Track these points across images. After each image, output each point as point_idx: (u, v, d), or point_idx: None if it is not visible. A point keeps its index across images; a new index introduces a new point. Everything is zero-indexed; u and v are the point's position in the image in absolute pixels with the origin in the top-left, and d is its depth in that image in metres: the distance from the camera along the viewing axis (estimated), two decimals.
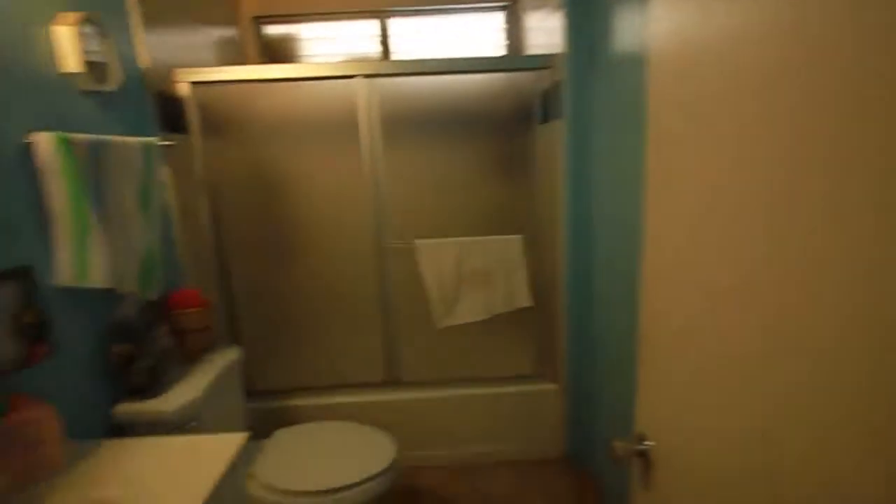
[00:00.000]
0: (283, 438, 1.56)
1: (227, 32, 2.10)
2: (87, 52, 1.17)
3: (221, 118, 1.72)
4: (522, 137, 1.77)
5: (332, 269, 1.85)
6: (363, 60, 1.68)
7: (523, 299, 1.83)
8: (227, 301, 1.87)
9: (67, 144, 1.05)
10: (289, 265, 1.85)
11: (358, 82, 1.66)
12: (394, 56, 2.31)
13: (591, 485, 1.84)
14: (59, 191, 1.04)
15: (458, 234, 1.80)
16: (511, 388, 1.95)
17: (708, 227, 0.55)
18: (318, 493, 1.31)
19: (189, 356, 1.41)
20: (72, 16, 1.13)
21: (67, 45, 1.13)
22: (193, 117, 1.69)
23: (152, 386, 1.21)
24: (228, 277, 1.85)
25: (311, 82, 1.68)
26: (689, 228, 0.59)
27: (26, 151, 1.01)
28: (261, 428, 1.91)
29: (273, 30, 2.33)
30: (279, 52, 2.34)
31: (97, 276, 1.10)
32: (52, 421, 0.91)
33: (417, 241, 1.76)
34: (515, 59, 2.02)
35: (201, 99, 1.69)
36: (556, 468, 1.97)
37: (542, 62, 1.65)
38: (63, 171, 1.04)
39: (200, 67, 1.65)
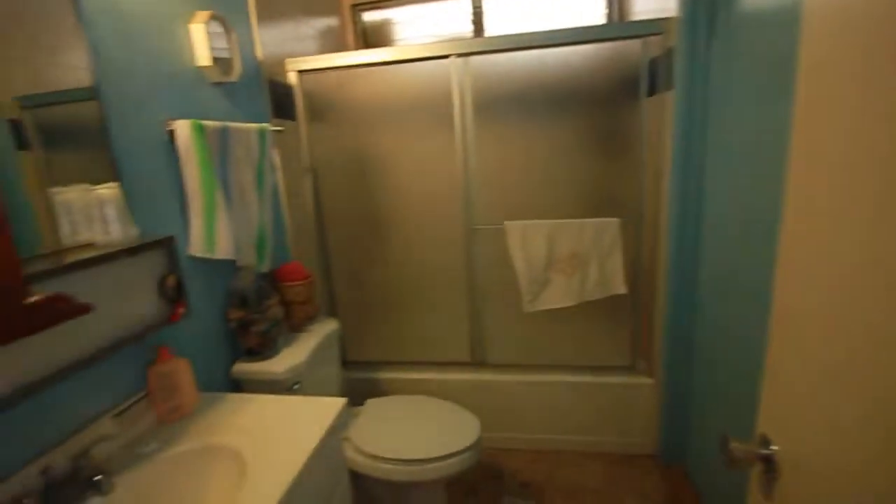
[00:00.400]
0: (375, 407, 1.65)
1: (329, 22, 2.21)
2: (214, 48, 1.29)
3: (324, 104, 1.82)
4: (626, 112, 1.64)
5: (422, 249, 1.90)
6: (457, 40, 1.66)
7: (618, 286, 1.73)
8: (325, 276, 2.00)
9: (201, 130, 1.18)
10: (382, 244, 1.93)
11: (452, 62, 1.66)
12: (488, 34, 2.27)
13: (686, 484, 1.72)
14: (193, 172, 1.17)
15: (551, 215, 1.74)
16: (601, 379, 1.87)
17: (878, 200, 0.46)
18: (403, 461, 1.37)
19: (294, 325, 1.54)
20: (203, 14, 1.25)
21: (200, 41, 1.25)
22: (300, 104, 1.82)
23: (264, 349, 1.34)
24: (327, 254, 1.98)
25: (407, 65, 1.70)
26: (849, 200, 0.50)
27: (168, 136, 1.15)
28: (351, 396, 2.04)
29: (370, 16, 2.40)
30: (376, 37, 2.41)
31: (223, 249, 1.23)
32: (188, 372, 1.05)
33: (507, 223, 1.73)
34: (621, 26, 1.87)
35: (306, 86, 1.80)
36: (647, 464, 1.86)
37: (651, 28, 1.50)
38: (197, 153, 1.17)
39: (306, 56, 1.76)
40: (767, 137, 1.10)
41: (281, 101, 1.73)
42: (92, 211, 0.91)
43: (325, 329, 1.59)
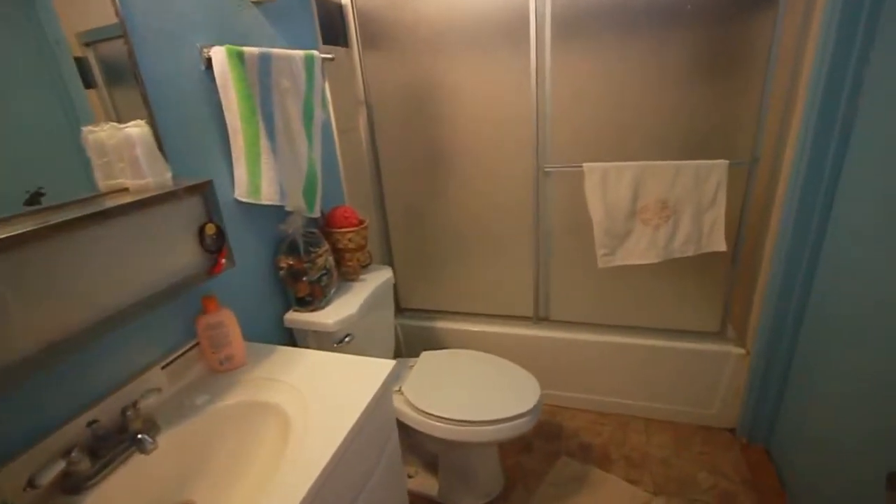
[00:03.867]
0: (430, 361, 1.58)
1: None
2: None
3: (380, 26, 1.60)
4: (752, 23, 1.27)
5: (486, 192, 1.71)
6: None
7: (716, 243, 1.46)
8: (381, 220, 1.90)
9: (239, 57, 1.04)
10: (442, 186, 1.77)
11: None
12: None
13: (767, 466, 1.54)
14: (232, 105, 1.06)
15: (638, 157, 1.47)
16: (681, 344, 1.66)
17: None
18: (455, 421, 1.30)
19: (346, 274, 1.46)
20: None
21: None
22: (353, 27, 1.62)
23: (315, 299, 1.28)
24: (382, 197, 1.86)
25: None
26: None
27: (206, 66, 1.03)
28: (406, 345, 2.01)
29: None
30: None
31: (268, 193, 1.13)
32: (234, 324, 1.00)
33: (586, 165, 1.49)
34: None
35: (360, 5, 1.59)
36: (724, 439, 1.69)
37: None
38: (235, 84, 1.04)
39: None
40: None
41: (331, 25, 1.55)
42: (123, 152, 0.83)
43: (379, 278, 1.51)
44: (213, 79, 1.04)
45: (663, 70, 1.38)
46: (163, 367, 0.92)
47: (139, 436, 0.75)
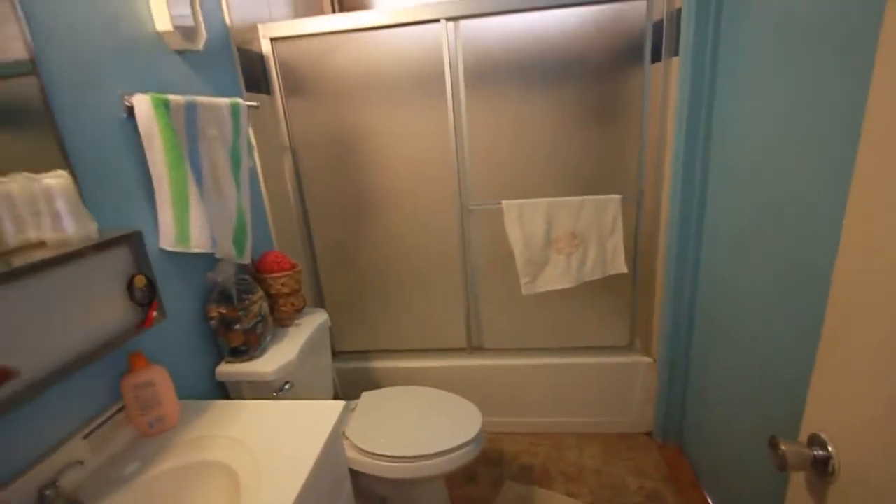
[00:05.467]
0: (371, 401, 1.57)
1: None
2: (175, 11, 1.13)
3: (301, 75, 1.66)
4: (627, 80, 1.54)
5: (414, 232, 1.79)
6: (447, 2, 1.52)
7: (619, 266, 1.67)
8: (311, 264, 1.88)
9: (165, 106, 1.03)
10: (370, 227, 1.82)
11: (441, 27, 1.52)
12: None
13: (682, 462, 1.73)
14: (158, 154, 1.03)
15: (548, 193, 1.65)
16: (599, 360, 1.83)
17: None
18: (404, 458, 1.30)
19: (280, 320, 1.43)
20: None
21: (159, 2, 1.09)
22: (275, 76, 1.65)
23: (250, 348, 1.24)
24: (311, 240, 1.86)
25: (392, 31, 1.55)
26: None
27: (127, 114, 1.00)
28: (343, 388, 1.97)
29: None
30: (353, 0, 2.22)
31: (198, 241, 1.10)
32: (167, 381, 0.94)
33: (504, 202, 1.64)
34: None
35: (281, 56, 1.64)
36: (644, 443, 1.86)
37: None
38: (161, 133, 1.02)
39: (280, 21, 1.59)
40: (789, 111, 1.03)
41: (253, 73, 1.57)
42: (39, 205, 0.78)
43: (314, 321, 1.49)
44: (134, 127, 1.01)
45: (563, 117, 1.60)
46: (85, 437, 0.83)
47: None
